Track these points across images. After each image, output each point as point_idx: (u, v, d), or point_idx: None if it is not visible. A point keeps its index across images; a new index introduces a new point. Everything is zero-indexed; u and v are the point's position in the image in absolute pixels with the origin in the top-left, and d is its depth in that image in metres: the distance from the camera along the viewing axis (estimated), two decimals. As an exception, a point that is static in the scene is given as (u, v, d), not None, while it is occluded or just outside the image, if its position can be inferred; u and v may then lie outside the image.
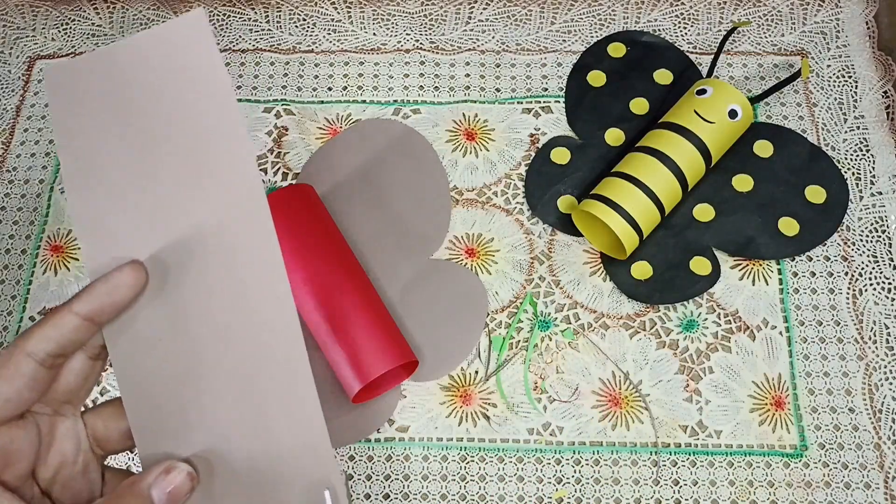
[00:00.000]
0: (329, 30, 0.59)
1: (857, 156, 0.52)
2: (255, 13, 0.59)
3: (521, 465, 0.45)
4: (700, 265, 0.49)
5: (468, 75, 0.57)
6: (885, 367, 0.47)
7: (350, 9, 0.59)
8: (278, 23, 0.59)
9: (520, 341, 0.48)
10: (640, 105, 0.54)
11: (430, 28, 0.58)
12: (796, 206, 0.50)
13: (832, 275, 0.49)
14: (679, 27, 0.57)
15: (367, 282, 0.48)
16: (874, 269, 0.49)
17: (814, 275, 0.49)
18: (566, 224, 0.51)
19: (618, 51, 0.56)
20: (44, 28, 0.60)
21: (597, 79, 0.55)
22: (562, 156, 0.53)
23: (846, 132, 0.53)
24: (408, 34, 0.58)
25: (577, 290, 0.50)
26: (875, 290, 0.49)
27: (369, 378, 0.43)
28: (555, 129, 0.54)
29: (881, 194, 0.51)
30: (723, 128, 0.48)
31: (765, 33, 0.57)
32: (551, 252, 0.51)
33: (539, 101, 0.55)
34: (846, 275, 0.49)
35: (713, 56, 0.53)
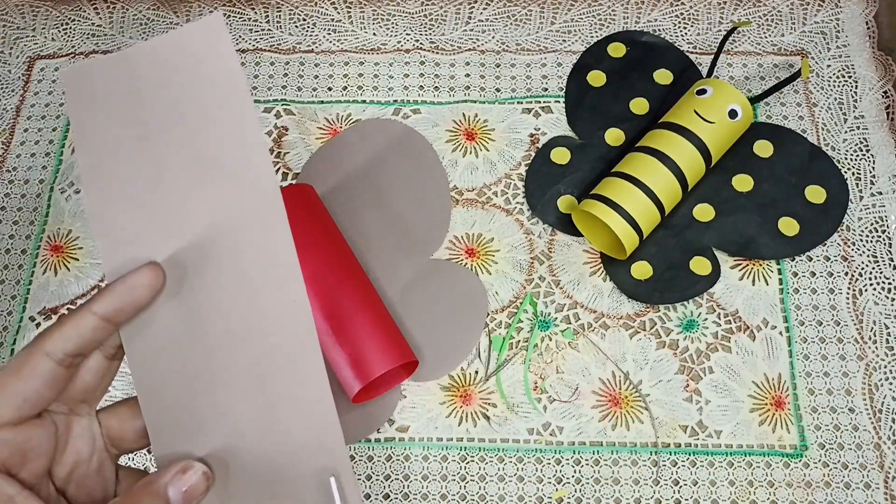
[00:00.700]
0: (329, 30, 0.59)
1: (857, 156, 0.52)
2: (255, 13, 0.59)
3: (521, 465, 0.45)
4: (700, 265, 0.49)
5: (468, 75, 0.57)
6: (885, 367, 0.47)
7: (350, 9, 0.59)
8: (278, 23, 0.59)
9: (520, 341, 0.48)
10: (640, 105, 0.54)
11: (430, 28, 0.58)
12: (796, 206, 0.50)
13: (832, 275, 0.49)
14: (679, 27, 0.57)
15: (367, 282, 0.48)
16: (874, 269, 0.49)
17: (814, 275, 0.49)
18: (566, 224, 0.51)
19: (618, 51, 0.56)
20: (44, 28, 0.60)
21: (597, 79, 0.55)
22: (562, 156, 0.53)
23: (846, 132, 0.53)
24: (408, 34, 0.58)
25: (577, 290, 0.50)
26: (875, 290, 0.49)
27: (369, 378, 0.43)
28: (555, 129, 0.54)
29: (881, 194, 0.51)
30: (723, 128, 0.48)
31: (765, 33, 0.57)
32: (551, 252, 0.51)
33: (539, 101, 0.55)
34: (846, 275, 0.49)
35: (713, 56, 0.53)
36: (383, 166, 0.53)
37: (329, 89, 0.57)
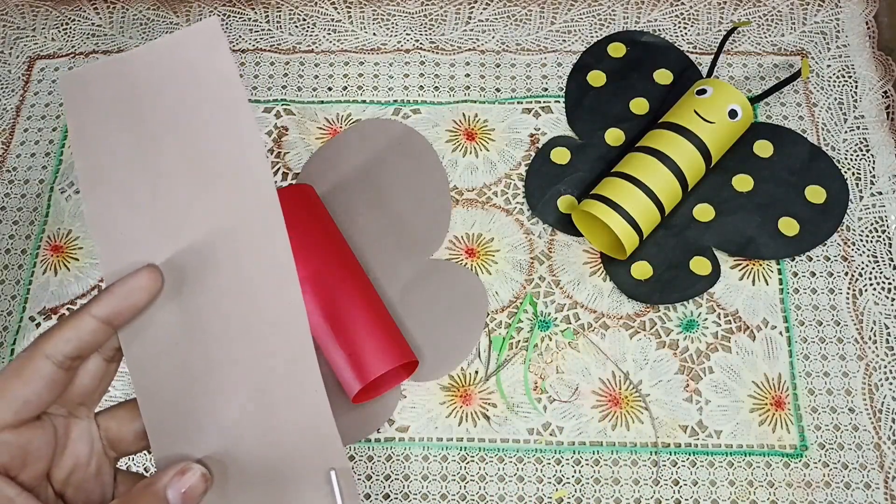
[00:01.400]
0: (329, 30, 0.59)
1: (857, 156, 0.52)
2: (255, 13, 0.59)
3: (521, 465, 0.45)
4: (700, 265, 0.49)
5: (468, 75, 0.57)
6: (885, 367, 0.47)
7: (350, 9, 0.59)
8: (278, 23, 0.59)
9: (520, 341, 0.48)
10: (640, 105, 0.54)
11: (430, 28, 0.58)
12: (796, 206, 0.50)
13: (832, 275, 0.49)
14: (679, 27, 0.57)
15: (367, 282, 0.48)
16: (874, 269, 0.49)
17: (814, 275, 0.49)
18: (566, 224, 0.51)
19: (618, 51, 0.56)
20: (44, 28, 0.60)
21: (597, 79, 0.55)
22: (562, 156, 0.53)
23: (846, 132, 0.53)
24: (408, 34, 0.58)
25: (577, 290, 0.50)
26: (875, 290, 0.49)
27: (369, 378, 0.43)
28: (555, 129, 0.54)
29: (881, 194, 0.51)
30: (723, 128, 0.48)
31: (765, 33, 0.57)
32: (551, 252, 0.51)
33: (539, 101, 0.55)
34: (846, 275, 0.49)
35: (713, 56, 0.53)
36: (383, 166, 0.53)
37: (329, 89, 0.57)
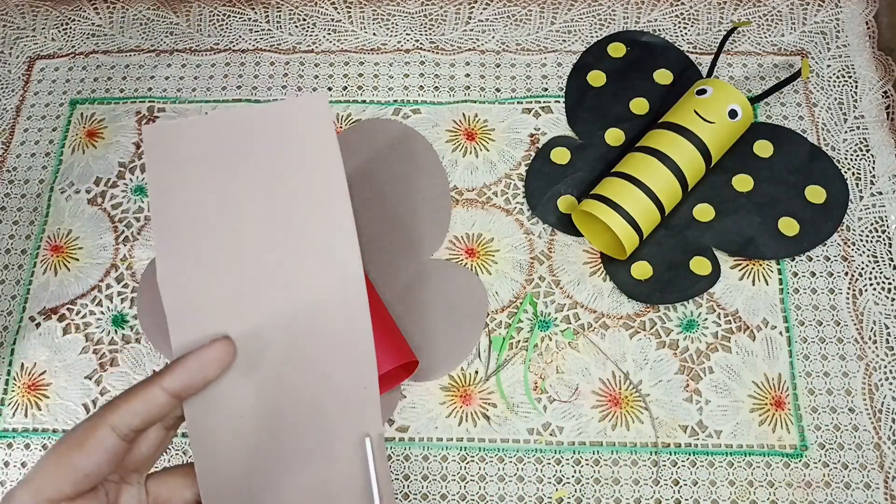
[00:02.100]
0: (329, 30, 0.59)
1: (857, 156, 0.52)
2: (255, 13, 0.59)
3: (521, 465, 0.45)
4: (700, 265, 0.49)
5: (468, 75, 0.57)
6: (885, 367, 0.47)
7: (350, 9, 0.59)
8: (278, 23, 0.59)
9: (520, 341, 0.48)
10: (640, 105, 0.54)
11: (430, 28, 0.58)
12: (796, 206, 0.50)
13: (832, 275, 0.49)
14: (679, 27, 0.57)
15: (367, 282, 0.48)
16: (874, 269, 0.49)
17: (814, 275, 0.49)
18: (566, 224, 0.51)
19: (618, 51, 0.56)
20: (44, 28, 0.60)
21: (597, 79, 0.55)
22: (562, 156, 0.53)
23: (846, 132, 0.53)
24: (408, 34, 0.58)
25: (577, 290, 0.49)
26: (875, 290, 0.49)
27: (369, 378, 0.43)
28: (555, 129, 0.54)
29: (881, 194, 0.51)
30: (723, 128, 0.48)
31: (765, 33, 0.57)
32: (551, 252, 0.51)
33: (539, 101, 0.55)
34: (846, 275, 0.49)
35: (713, 56, 0.53)
36: (383, 166, 0.53)
37: (329, 89, 0.57)
